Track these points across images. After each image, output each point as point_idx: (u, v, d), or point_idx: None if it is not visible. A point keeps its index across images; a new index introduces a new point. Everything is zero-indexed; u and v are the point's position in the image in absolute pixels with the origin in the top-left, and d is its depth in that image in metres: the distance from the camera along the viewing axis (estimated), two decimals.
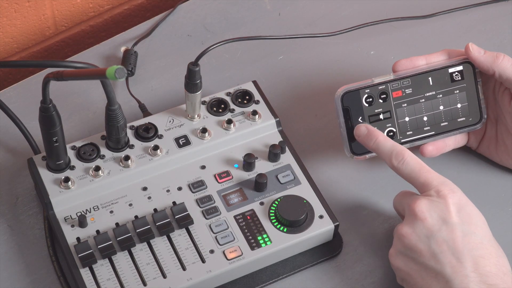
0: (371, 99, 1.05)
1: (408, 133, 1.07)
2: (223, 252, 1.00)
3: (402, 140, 1.06)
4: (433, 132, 1.07)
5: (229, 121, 1.07)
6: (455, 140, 1.09)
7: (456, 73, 1.07)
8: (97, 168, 1.03)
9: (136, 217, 1.01)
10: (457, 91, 1.07)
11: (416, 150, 1.08)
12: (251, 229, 1.01)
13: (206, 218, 1.02)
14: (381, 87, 1.05)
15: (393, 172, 1.10)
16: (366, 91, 1.05)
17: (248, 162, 1.05)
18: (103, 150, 1.05)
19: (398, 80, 1.05)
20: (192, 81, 1.04)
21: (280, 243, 1.01)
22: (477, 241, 0.94)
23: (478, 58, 1.05)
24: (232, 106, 1.09)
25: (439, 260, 0.93)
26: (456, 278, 0.92)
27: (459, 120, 1.08)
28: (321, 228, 1.02)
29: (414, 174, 0.98)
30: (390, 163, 1.00)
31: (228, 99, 1.10)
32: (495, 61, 1.04)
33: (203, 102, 1.09)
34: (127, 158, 1.04)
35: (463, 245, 0.93)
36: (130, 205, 1.02)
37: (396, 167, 0.99)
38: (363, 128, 1.03)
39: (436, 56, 1.07)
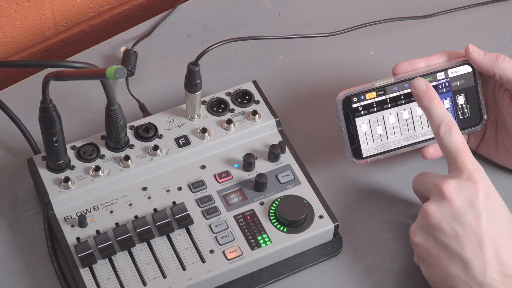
0: (372, 103, 1.05)
1: (409, 135, 1.07)
2: (223, 252, 1.00)
3: (403, 143, 1.06)
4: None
5: (229, 121, 1.07)
6: None
7: (456, 75, 1.06)
8: (97, 168, 1.03)
9: (136, 217, 1.02)
10: (457, 93, 1.07)
11: (417, 152, 1.08)
12: (251, 229, 1.01)
13: (206, 218, 1.02)
14: (381, 90, 1.05)
15: (393, 172, 1.10)
16: (367, 95, 1.05)
17: (248, 162, 1.05)
18: (103, 150, 1.05)
19: (399, 83, 1.05)
20: (192, 81, 1.04)
21: (280, 243, 1.01)
22: (498, 230, 0.94)
23: (478, 59, 1.05)
24: (232, 106, 1.09)
25: (461, 242, 0.94)
26: (475, 263, 0.93)
27: (459, 121, 1.08)
28: (321, 228, 1.02)
29: (455, 150, 0.97)
30: (436, 130, 0.99)
31: (228, 99, 1.10)
32: (495, 62, 1.04)
33: (203, 102, 1.09)
34: (127, 158, 1.04)
35: (485, 232, 0.94)
36: (130, 205, 1.02)
37: (441, 136, 0.98)
38: (422, 83, 1.01)
39: (436, 58, 1.07)
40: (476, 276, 0.93)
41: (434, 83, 1.06)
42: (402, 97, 1.06)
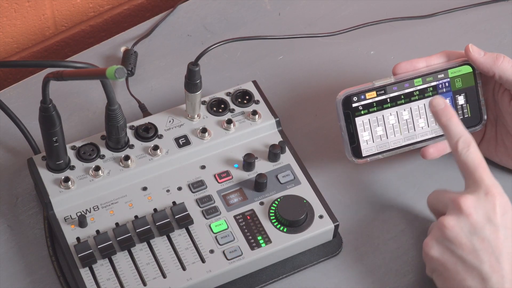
0: (372, 102, 1.05)
1: (409, 135, 1.07)
2: (223, 252, 1.00)
3: (403, 143, 1.06)
4: (434, 135, 1.07)
5: (229, 121, 1.07)
6: None
7: (456, 75, 1.06)
8: (97, 168, 1.03)
9: (136, 217, 1.02)
10: (457, 93, 1.07)
11: (417, 152, 1.08)
12: (251, 229, 1.01)
13: (206, 218, 1.02)
14: (381, 90, 1.05)
15: (393, 172, 1.11)
16: (367, 94, 1.05)
17: (248, 162, 1.05)
18: (103, 150, 1.05)
19: (399, 83, 1.05)
20: (192, 81, 1.04)
21: (280, 243, 1.01)
22: None
23: (478, 59, 1.05)
24: (232, 106, 1.09)
25: (479, 256, 0.94)
26: (493, 277, 0.93)
27: None
28: (321, 228, 1.02)
29: (473, 166, 0.97)
30: (454, 147, 0.98)
31: (228, 99, 1.10)
32: (495, 62, 1.04)
33: (203, 102, 1.09)
34: (127, 158, 1.04)
35: (503, 247, 0.94)
36: (130, 205, 1.02)
37: (459, 152, 0.98)
38: (440, 101, 1.00)
39: (436, 58, 1.07)
40: None
41: (434, 83, 1.06)
42: (402, 96, 1.06)
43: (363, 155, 1.06)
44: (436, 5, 1.26)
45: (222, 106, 1.10)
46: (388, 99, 1.05)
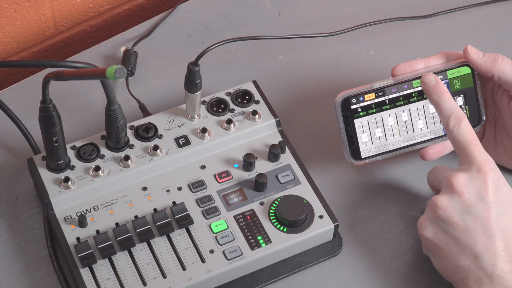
0: (371, 104, 1.05)
1: (408, 137, 1.07)
2: (223, 252, 1.00)
3: (402, 144, 1.06)
4: (433, 136, 1.07)
5: (229, 121, 1.07)
6: None
7: (455, 76, 1.06)
8: (97, 168, 1.03)
9: (136, 217, 1.02)
10: (456, 94, 1.07)
11: (417, 153, 1.08)
12: (251, 229, 1.01)
13: (206, 218, 1.02)
14: (380, 91, 1.05)
15: (393, 172, 1.11)
16: (366, 96, 1.05)
17: (248, 162, 1.05)
18: (103, 150, 1.05)
19: (397, 84, 1.05)
20: (192, 81, 1.04)
21: (280, 243, 1.01)
22: (509, 222, 0.95)
23: (477, 60, 1.05)
24: (232, 106, 1.09)
25: (471, 235, 0.94)
26: (485, 255, 0.93)
27: None
28: (321, 228, 1.02)
29: (465, 143, 0.98)
30: (446, 124, 1.00)
31: (228, 99, 1.10)
32: (494, 63, 1.04)
33: (203, 102, 1.09)
34: (127, 158, 1.04)
35: (495, 224, 0.94)
36: (130, 205, 1.02)
37: (450, 129, 0.99)
38: (431, 78, 1.02)
39: (435, 59, 1.07)
40: (486, 268, 0.93)
41: None
42: (401, 98, 1.06)
43: (362, 157, 1.06)
44: (436, 5, 1.26)
45: (222, 106, 1.10)
46: (387, 101, 1.05)
